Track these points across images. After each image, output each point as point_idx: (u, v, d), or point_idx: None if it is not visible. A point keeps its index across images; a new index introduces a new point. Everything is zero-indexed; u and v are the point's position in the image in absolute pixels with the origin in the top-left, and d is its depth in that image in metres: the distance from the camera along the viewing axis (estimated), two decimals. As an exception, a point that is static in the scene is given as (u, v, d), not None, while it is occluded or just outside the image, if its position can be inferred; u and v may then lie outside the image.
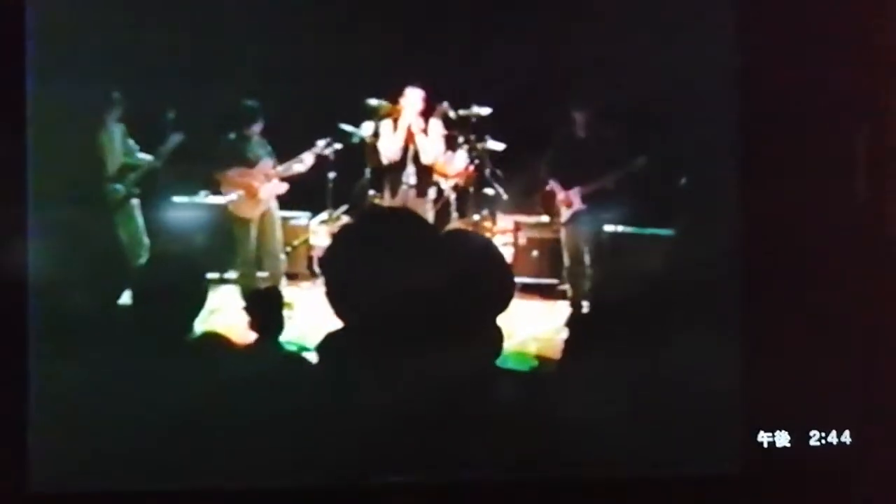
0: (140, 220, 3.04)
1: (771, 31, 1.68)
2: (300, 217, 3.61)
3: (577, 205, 3.21)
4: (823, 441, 1.65)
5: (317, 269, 3.33)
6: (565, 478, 1.60)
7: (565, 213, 3.25)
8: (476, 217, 3.56)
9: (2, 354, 1.49)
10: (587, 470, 1.60)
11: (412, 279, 1.51)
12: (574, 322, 2.33)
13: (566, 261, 3.25)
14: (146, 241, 2.97)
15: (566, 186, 3.24)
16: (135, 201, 3.03)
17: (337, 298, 1.52)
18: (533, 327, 2.55)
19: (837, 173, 1.70)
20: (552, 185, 3.29)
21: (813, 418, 1.65)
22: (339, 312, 1.51)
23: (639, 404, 1.63)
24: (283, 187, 3.38)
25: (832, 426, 1.65)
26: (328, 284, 1.54)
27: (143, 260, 2.58)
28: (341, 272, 1.56)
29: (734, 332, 1.65)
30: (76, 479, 1.51)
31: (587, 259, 3.16)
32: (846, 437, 1.65)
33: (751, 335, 1.65)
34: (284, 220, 3.49)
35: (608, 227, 3.14)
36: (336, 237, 2.03)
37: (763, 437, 1.65)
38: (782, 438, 1.65)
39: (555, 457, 1.60)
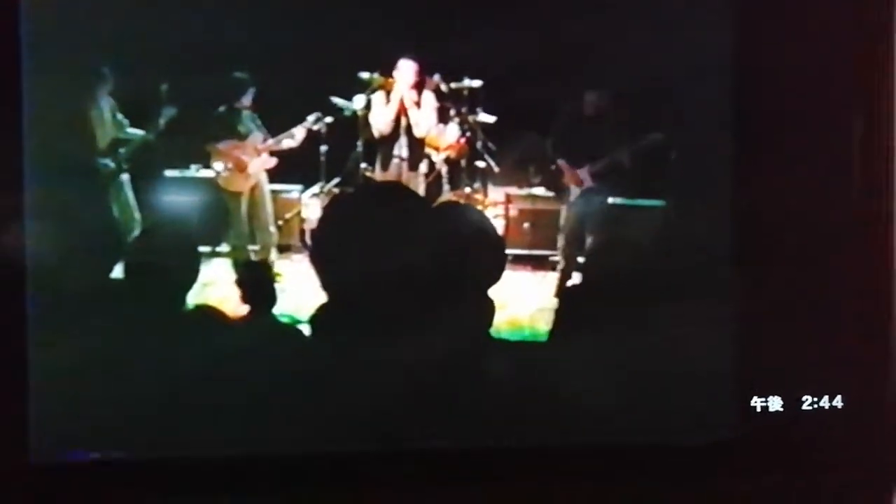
0: (131, 194, 3.03)
1: (768, 5, 1.68)
2: (292, 190, 3.60)
3: (588, 183, 3.22)
4: (815, 406, 1.67)
5: (308, 241, 3.33)
6: (558, 446, 1.62)
7: (574, 192, 3.26)
8: (468, 189, 3.56)
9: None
10: (581, 438, 1.62)
11: (403, 251, 1.52)
12: (565, 292, 2.35)
13: (563, 238, 3.25)
14: (137, 215, 2.97)
15: (574, 165, 3.25)
16: (125, 176, 3.02)
17: (324, 270, 1.52)
18: (525, 298, 2.56)
19: (832, 146, 1.71)
20: (561, 164, 3.29)
21: (805, 383, 1.67)
22: (326, 284, 1.52)
23: (631, 373, 1.64)
24: (273, 161, 3.37)
25: (824, 391, 1.67)
26: (314, 256, 1.54)
27: (134, 234, 2.57)
28: (330, 244, 1.57)
29: (724, 300, 1.66)
30: (74, 449, 1.52)
31: (587, 234, 3.17)
32: (838, 401, 1.67)
33: (740, 303, 1.66)
34: (276, 193, 3.48)
35: (612, 201, 3.15)
36: (324, 210, 2.03)
37: (756, 402, 1.67)
38: (775, 403, 1.67)
39: (548, 425, 1.61)
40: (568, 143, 3.25)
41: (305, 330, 1.68)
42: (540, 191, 3.49)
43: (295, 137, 3.61)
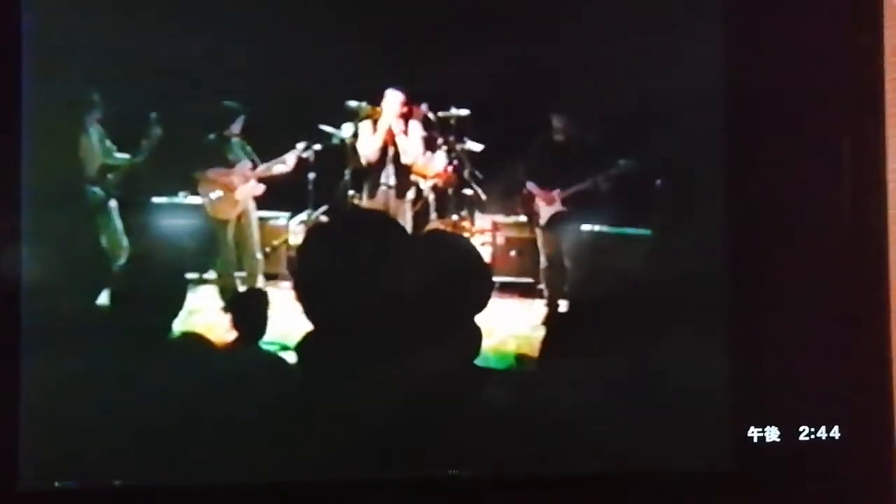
0: (118, 221, 3.03)
1: (756, 31, 1.69)
2: (279, 217, 3.60)
3: (557, 206, 3.22)
4: (813, 436, 1.67)
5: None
6: (550, 476, 1.61)
7: (545, 215, 3.26)
8: (455, 217, 3.57)
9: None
10: (572, 468, 1.61)
11: (390, 279, 1.52)
12: (552, 321, 2.35)
13: (543, 261, 3.26)
14: (125, 242, 2.96)
15: (545, 189, 3.26)
16: (113, 203, 3.01)
17: (308, 298, 1.52)
18: (511, 326, 2.56)
19: (823, 171, 1.72)
20: (530, 186, 3.31)
21: (802, 414, 1.67)
22: (310, 313, 1.51)
23: (624, 403, 1.63)
24: (261, 188, 3.37)
25: (821, 421, 1.67)
26: (299, 284, 1.54)
27: (122, 261, 2.57)
28: (314, 272, 1.57)
29: (721, 329, 1.66)
30: (63, 477, 1.51)
31: (565, 259, 3.17)
32: (835, 431, 1.67)
33: (737, 332, 1.66)
34: (263, 220, 3.47)
35: (586, 228, 3.15)
36: (309, 237, 2.03)
37: (753, 433, 1.66)
38: (772, 434, 1.67)
39: (537, 455, 1.61)
40: (539, 167, 3.28)
41: (291, 358, 1.67)
42: (523, 218, 3.50)
43: (287, 163, 3.61)
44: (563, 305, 3.03)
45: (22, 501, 1.48)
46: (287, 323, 1.93)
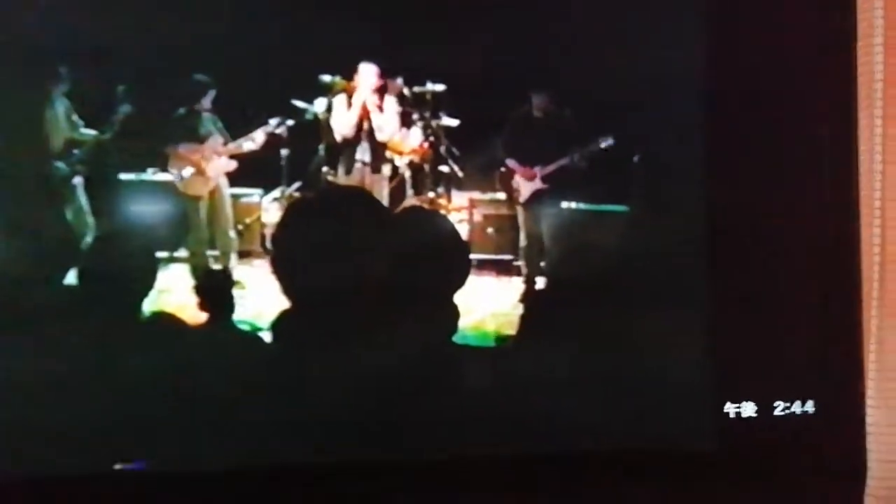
0: (83, 198, 2.96)
1: (735, 8, 1.69)
2: (252, 194, 3.55)
3: (538, 183, 3.20)
4: (788, 410, 1.69)
5: (269, 246, 3.28)
6: (532, 455, 1.61)
7: (525, 192, 3.24)
8: (431, 194, 3.54)
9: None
10: (551, 446, 1.61)
11: (366, 257, 1.50)
12: (529, 298, 2.33)
13: (523, 239, 3.25)
14: (90, 220, 2.90)
15: (525, 166, 3.23)
16: (77, 179, 2.94)
17: (285, 276, 1.49)
18: (490, 303, 2.54)
19: (799, 148, 1.72)
20: (510, 163, 3.28)
21: (777, 389, 1.68)
22: (287, 290, 1.49)
23: (601, 380, 1.63)
24: (233, 164, 3.32)
25: (796, 396, 1.68)
26: (276, 261, 1.51)
27: (88, 239, 2.51)
28: (291, 250, 1.54)
29: (697, 306, 1.66)
30: (29, 462, 1.48)
31: (545, 237, 3.16)
32: (809, 406, 1.68)
33: (713, 309, 1.67)
34: (236, 197, 3.42)
35: (566, 204, 3.14)
36: (285, 214, 2.00)
37: (730, 408, 1.68)
38: (748, 409, 1.68)
39: (518, 434, 1.60)
40: (519, 144, 3.26)
41: (266, 337, 1.64)
42: (501, 195, 3.49)
43: (255, 140, 3.56)
44: (540, 282, 3.02)
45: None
46: (260, 302, 1.90)
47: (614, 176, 2.89)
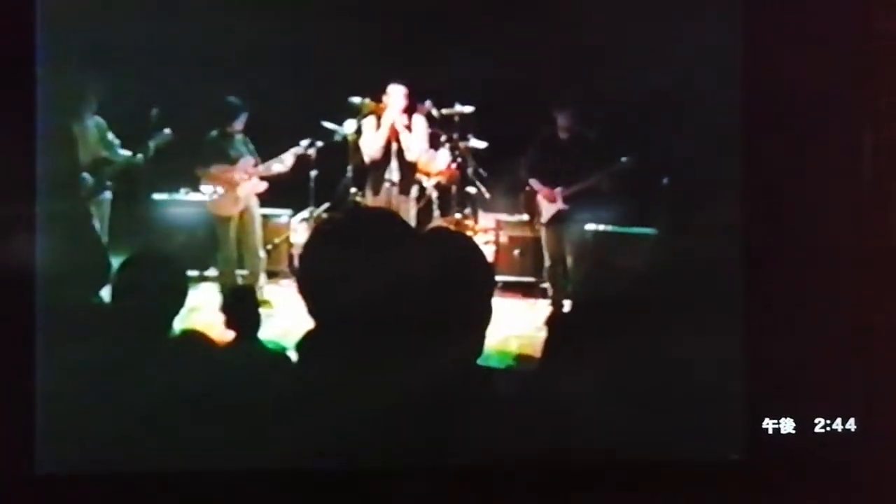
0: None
1: (770, 28, 1.68)
2: (281, 215, 3.60)
3: (560, 205, 3.21)
4: (828, 428, 1.67)
5: (296, 266, 3.32)
6: (564, 469, 1.61)
7: (546, 213, 3.25)
8: (458, 215, 3.56)
9: (5, 347, 1.52)
10: (590, 459, 1.61)
11: (392, 277, 1.51)
12: (555, 321, 2.33)
13: (547, 260, 3.25)
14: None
15: (548, 186, 3.24)
16: (107, 195, 2.98)
17: (311, 296, 1.51)
18: (514, 325, 2.55)
19: (838, 165, 1.71)
20: (533, 184, 3.29)
21: (818, 406, 1.66)
22: (313, 310, 1.50)
23: (641, 396, 1.63)
24: (263, 185, 3.37)
25: (837, 414, 1.66)
26: (302, 282, 1.53)
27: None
28: (318, 270, 1.55)
29: (736, 323, 1.65)
30: (75, 462, 1.54)
31: (568, 258, 3.16)
32: (851, 424, 1.66)
33: (754, 324, 1.66)
34: (266, 217, 3.47)
35: (590, 226, 3.14)
36: (313, 235, 2.02)
37: (768, 424, 1.66)
38: (787, 426, 1.67)
39: (555, 447, 1.60)
40: (543, 164, 3.27)
41: (292, 356, 1.66)
42: (526, 216, 3.50)
43: (285, 163, 3.61)
44: (567, 305, 3.02)
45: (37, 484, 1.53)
46: (287, 322, 1.92)
47: (641, 198, 2.89)
